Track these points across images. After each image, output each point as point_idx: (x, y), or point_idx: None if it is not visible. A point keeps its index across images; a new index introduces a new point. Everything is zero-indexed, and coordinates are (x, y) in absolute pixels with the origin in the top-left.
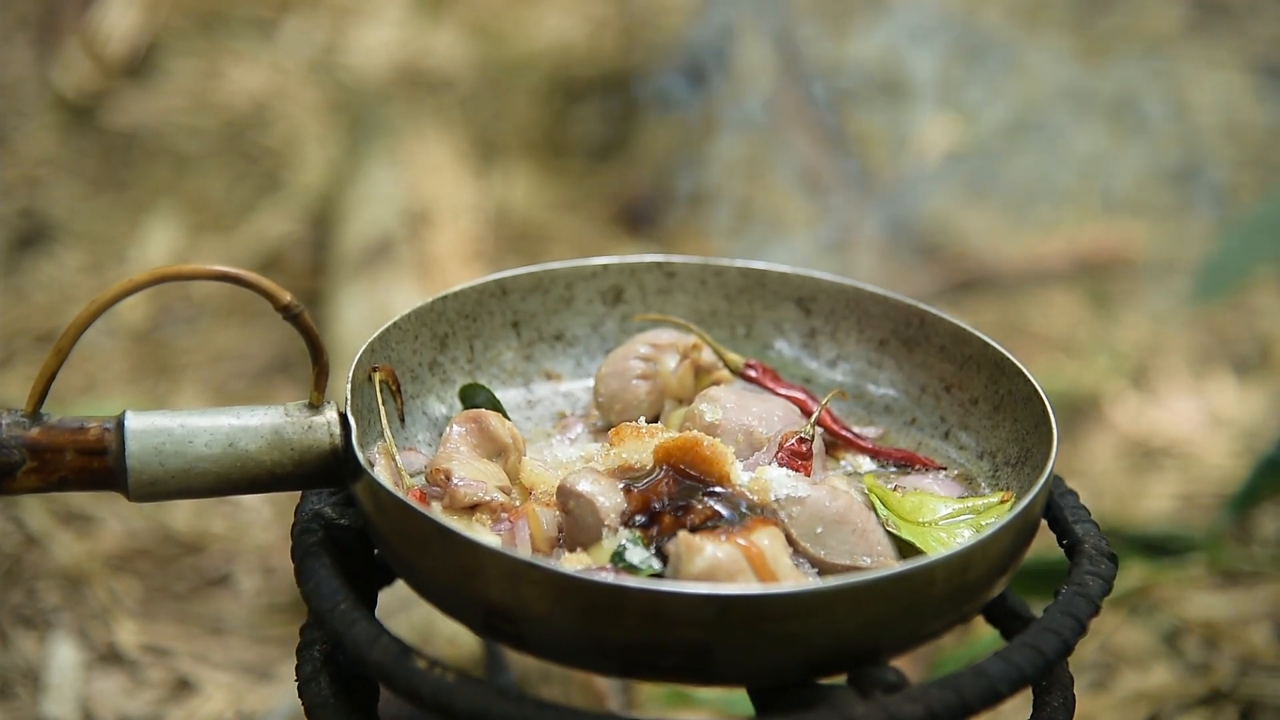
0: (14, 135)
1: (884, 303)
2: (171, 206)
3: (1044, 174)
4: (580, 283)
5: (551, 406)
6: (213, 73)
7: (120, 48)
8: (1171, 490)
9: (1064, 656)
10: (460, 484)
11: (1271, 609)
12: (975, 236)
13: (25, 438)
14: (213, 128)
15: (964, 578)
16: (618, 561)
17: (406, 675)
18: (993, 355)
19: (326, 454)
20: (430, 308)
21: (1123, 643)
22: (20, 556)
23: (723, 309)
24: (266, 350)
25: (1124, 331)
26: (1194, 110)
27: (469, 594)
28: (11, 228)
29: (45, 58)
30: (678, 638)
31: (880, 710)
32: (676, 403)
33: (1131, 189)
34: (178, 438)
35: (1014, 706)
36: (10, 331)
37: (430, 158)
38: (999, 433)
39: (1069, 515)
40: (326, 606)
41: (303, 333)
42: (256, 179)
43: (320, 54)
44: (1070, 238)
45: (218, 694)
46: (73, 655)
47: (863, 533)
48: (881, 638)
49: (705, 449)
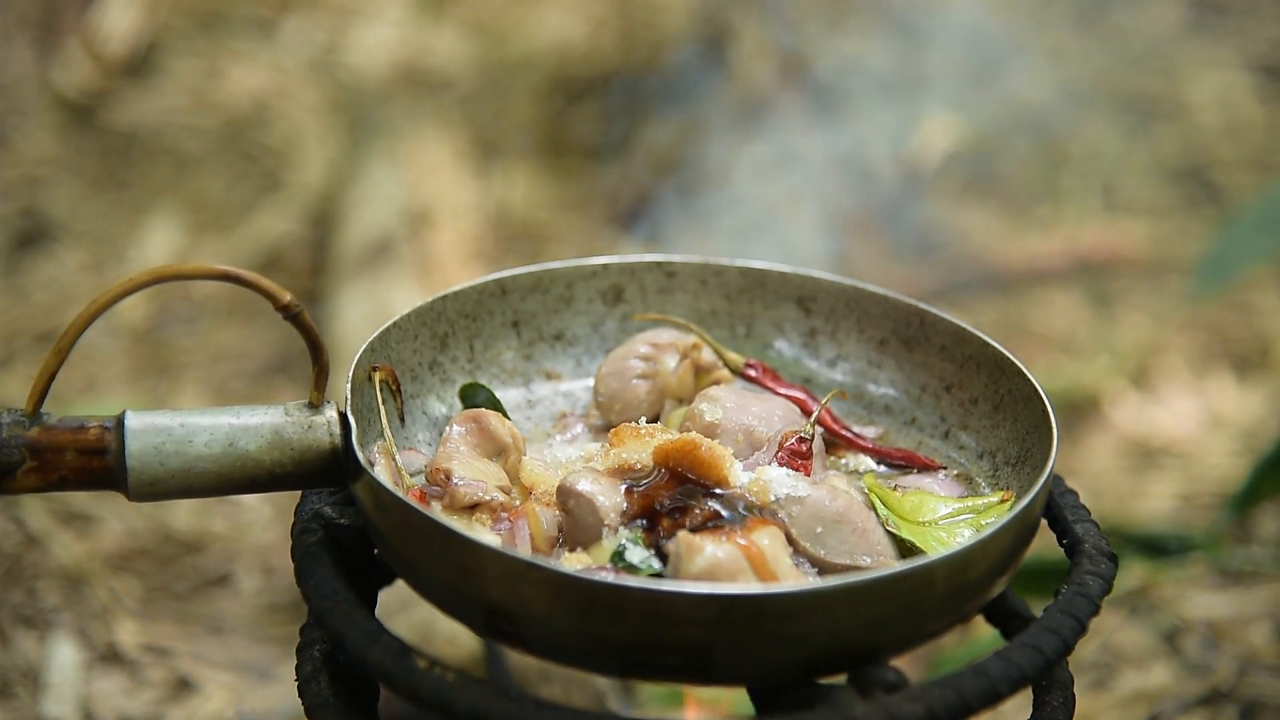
0: (14, 135)
1: (884, 302)
2: (171, 206)
3: (1044, 174)
4: (580, 282)
5: (551, 406)
6: (213, 73)
7: (120, 48)
8: (1171, 490)
9: (1064, 656)
10: (460, 484)
11: (1271, 609)
12: (975, 236)
13: (25, 437)
14: (213, 128)
15: (964, 577)
16: (618, 561)
17: (406, 675)
18: (993, 355)
19: (326, 454)
20: (430, 307)
21: (1123, 642)
22: (20, 556)
23: (723, 309)
24: (266, 350)
25: (1124, 331)
26: (1194, 110)
27: (469, 594)
28: (11, 228)
29: (45, 58)
30: (678, 637)
31: (880, 710)
32: (676, 402)
33: (1131, 189)
34: (177, 437)
35: (1014, 706)
36: (10, 331)
37: (430, 158)
38: (999, 432)
39: (1069, 515)
40: (326, 606)
41: (302, 332)
42: (256, 179)
43: (320, 54)
44: (1070, 238)
45: (218, 694)
46: (73, 655)
47: (863, 532)
48: (881, 637)
49: (703, 452)
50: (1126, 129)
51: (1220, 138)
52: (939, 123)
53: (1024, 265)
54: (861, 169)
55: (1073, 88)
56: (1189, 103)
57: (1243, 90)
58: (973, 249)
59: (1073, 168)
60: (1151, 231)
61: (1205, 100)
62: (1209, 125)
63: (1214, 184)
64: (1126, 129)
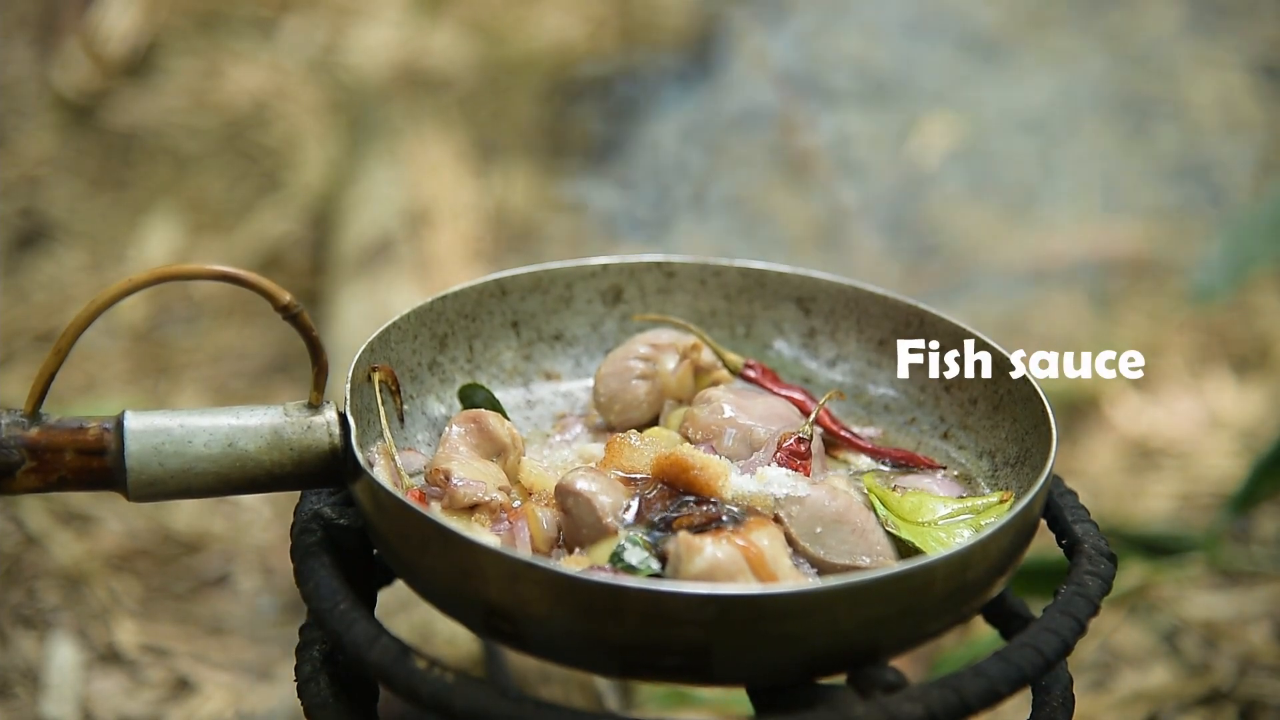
0: (14, 135)
1: (884, 303)
2: (171, 206)
3: (1044, 174)
4: (580, 283)
5: (551, 406)
6: (213, 73)
7: (120, 48)
8: (1171, 490)
9: (1063, 656)
10: (460, 484)
11: (1271, 609)
12: (975, 236)
13: (25, 438)
14: (213, 128)
15: (964, 578)
16: (616, 562)
17: (406, 675)
18: (992, 355)
19: (326, 454)
20: (430, 308)
21: (1122, 643)
22: (20, 556)
23: (722, 309)
24: (266, 350)
25: (1124, 331)
26: (1194, 110)
27: (469, 594)
28: (11, 228)
29: (45, 58)
30: (677, 638)
31: (880, 710)
32: (676, 403)
33: (1132, 189)
34: (177, 438)
35: (1014, 706)
36: (10, 331)
37: (430, 158)
38: (998, 432)
39: (1068, 515)
40: (326, 606)
41: (302, 332)
42: (256, 179)
43: (320, 54)
44: (1070, 238)
45: (218, 694)
46: (73, 655)
47: (862, 532)
48: (881, 638)
49: (695, 473)
50: (1126, 129)
51: (1220, 138)
52: (939, 123)
53: (1024, 265)
54: (862, 168)
55: (1073, 88)
56: (1189, 103)
57: (1243, 90)
58: (973, 249)
59: (1073, 168)
60: (1151, 231)
61: (1205, 100)
62: (1209, 125)
63: (1214, 184)
64: (1126, 129)
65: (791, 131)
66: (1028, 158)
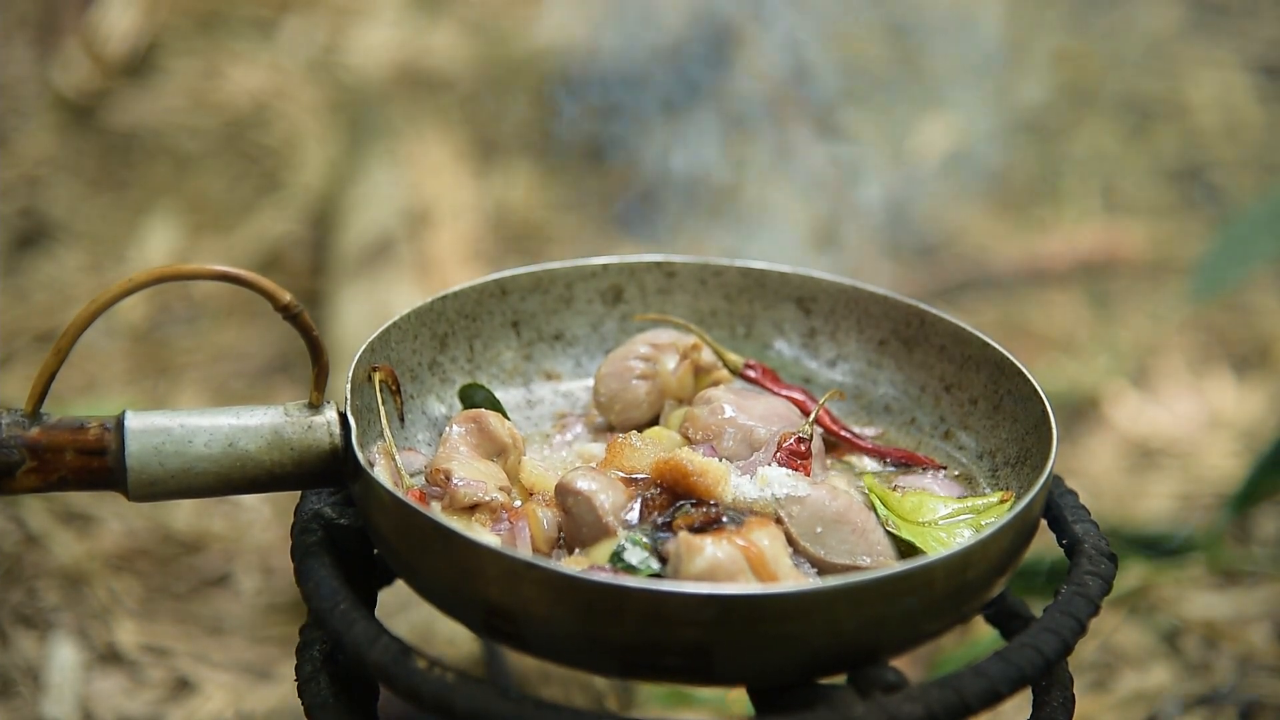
0: (14, 135)
1: (884, 303)
2: (171, 206)
3: (1044, 174)
4: (580, 283)
5: (551, 406)
6: (213, 73)
7: (120, 48)
8: (1171, 490)
9: (1063, 656)
10: (460, 484)
11: (1271, 609)
12: (975, 236)
13: (25, 437)
14: (213, 128)
15: (964, 578)
16: (616, 562)
17: (406, 675)
18: (993, 355)
19: (326, 454)
20: (430, 307)
21: (1122, 643)
22: (20, 556)
23: (723, 309)
24: (266, 350)
25: (1124, 331)
26: (1194, 110)
27: (469, 594)
28: (11, 228)
29: (45, 58)
30: (677, 638)
31: (880, 710)
32: (676, 403)
33: (1131, 189)
34: (177, 438)
35: (1014, 706)
36: (10, 331)
37: (430, 158)
38: (999, 433)
39: (1068, 515)
40: (326, 606)
41: (302, 332)
42: (256, 179)
43: (320, 54)
44: (1070, 238)
45: (218, 694)
46: (73, 655)
47: (862, 532)
48: (881, 638)
49: (694, 478)
50: (1126, 129)
51: (1220, 138)
52: (939, 123)
53: (1024, 265)
54: (862, 167)
55: (1073, 88)
56: (1189, 103)
57: (1243, 90)
58: (973, 249)
59: (1073, 168)
60: (1151, 231)
61: (1205, 100)
62: (1209, 125)
63: (1214, 184)
64: (1126, 129)
65: (791, 131)
66: (1028, 158)
